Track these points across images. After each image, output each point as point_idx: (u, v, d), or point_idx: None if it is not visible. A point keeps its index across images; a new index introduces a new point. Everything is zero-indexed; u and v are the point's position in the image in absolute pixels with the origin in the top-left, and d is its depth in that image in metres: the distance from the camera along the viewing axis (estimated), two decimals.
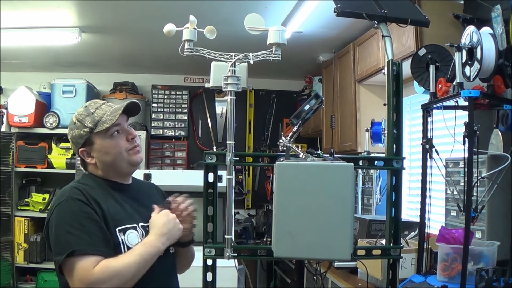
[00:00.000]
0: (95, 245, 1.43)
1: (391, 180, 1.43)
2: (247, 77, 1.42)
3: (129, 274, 1.43)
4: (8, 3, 3.14)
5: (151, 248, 1.50)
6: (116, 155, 1.60)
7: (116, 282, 1.40)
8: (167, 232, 1.54)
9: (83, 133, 1.59)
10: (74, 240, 1.42)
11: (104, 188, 1.60)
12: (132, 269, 1.44)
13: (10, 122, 4.44)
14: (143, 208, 1.65)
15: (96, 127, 1.58)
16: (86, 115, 1.60)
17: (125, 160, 1.62)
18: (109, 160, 1.61)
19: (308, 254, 1.26)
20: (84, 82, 4.66)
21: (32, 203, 4.49)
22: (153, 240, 1.52)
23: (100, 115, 1.60)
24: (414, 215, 3.06)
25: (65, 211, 1.48)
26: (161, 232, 1.53)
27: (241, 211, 5.32)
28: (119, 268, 1.42)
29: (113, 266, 1.41)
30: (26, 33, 3.71)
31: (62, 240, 1.44)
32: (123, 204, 1.60)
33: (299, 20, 3.29)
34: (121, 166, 1.62)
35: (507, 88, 2.02)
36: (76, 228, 1.43)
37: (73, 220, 1.45)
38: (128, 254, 1.48)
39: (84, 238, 1.43)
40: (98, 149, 1.60)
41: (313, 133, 4.79)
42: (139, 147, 1.67)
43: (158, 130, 5.09)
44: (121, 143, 1.61)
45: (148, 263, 1.48)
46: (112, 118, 1.58)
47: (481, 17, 2.37)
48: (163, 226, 1.54)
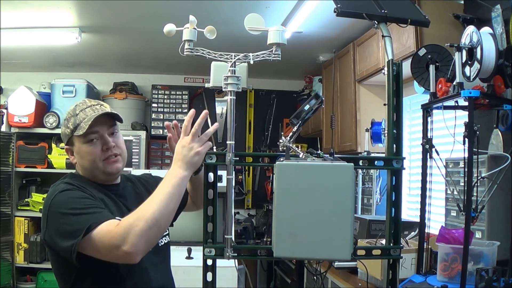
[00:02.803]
0: (106, 215, 1.40)
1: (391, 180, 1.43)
2: (247, 77, 1.42)
3: (155, 211, 1.34)
4: (8, 3, 3.14)
5: (172, 178, 1.41)
6: (91, 162, 1.57)
7: (143, 224, 1.31)
8: (185, 158, 1.42)
9: (66, 132, 1.59)
10: (85, 219, 1.37)
11: (93, 186, 1.59)
12: (157, 205, 1.36)
13: (10, 122, 4.44)
14: (133, 205, 1.60)
15: (75, 130, 1.56)
16: (72, 115, 1.59)
17: (100, 169, 1.58)
18: (86, 165, 1.59)
19: (308, 254, 1.26)
20: (84, 82, 4.67)
21: (32, 203, 4.49)
22: (173, 170, 1.42)
23: (80, 119, 1.56)
24: (414, 215, 3.06)
25: (63, 200, 1.44)
26: (180, 162, 1.42)
27: (241, 211, 5.32)
28: (141, 212, 1.35)
29: (133, 213, 1.36)
30: (26, 33, 3.71)
31: (72, 224, 1.38)
32: (115, 200, 1.61)
33: (299, 20, 3.29)
34: (96, 174, 1.60)
35: (507, 88, 2.02)
36: (82, 209, 1.40)
37: (75, 203, 1.42)
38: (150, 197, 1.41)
39: (94, 212, 1.40)
40: (77, 152, 1.59)
41: (313, 133, 4.79)
42: (117, 158, 1.60)
43: (158, 130, 5.09)
44: (96, 151, 1.56)
45: (173, 195, 1.39)
46: (85, 126, 1.54)
47: (481, 17, 2.37)
48: (180, 155, 1.43)
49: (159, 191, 1.40)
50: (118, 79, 5.07)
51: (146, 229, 1.32)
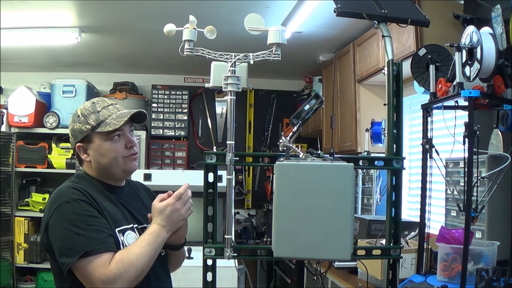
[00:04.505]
0: (105, 242, 1.43)
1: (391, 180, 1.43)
2: (247, 77, 1.42)
3: (143, 264, 1.44)
4: (8, 3, 3.14)
5: (158, 237, 1.51)
6: (112, 159, 1.58)
7: (133, 273, 1.42)
8: (170, 222, 1.54)
9: (84, 129, 1.58)
10: (84, 241, 1.41)
11: (99, 189, 1.59)
12: (145, 258, 1.45)
13: (10, 122, 4.44)
14: (136, 210, 1.66)
15: (99, 127, 1.56)
16: (91, 111, 1.59)
17: (120, 166, 1.60)
18: (104, 163, 1.59)
19: (308, 254, 1.26)
20: (84, 82, 4.66)
21: (32, 203, 4.49)
22: (158, 229, 1.52)
23: (105, 115, 1.58)
24: (414, 215, 3.06)
25: (68, 212, 1.46)
26: (164, 222, 1.53)
27: (241, 211, 5.32)
28: (134, 259, 1.43)
29: (128, 258, 1.43)
30: (26, 33, 3.71)
31: (70, 242, 1.42)
32: (119, 205, 1.60)
33: (299, 20, 3.29)
34: (114, 171, 1.61)
35: (507, 88, 2.02)
36: (84, 229, 1.43)
37: (79, 221, 1.44)
38: (138, 245, 1.48)
39: (94, 237, 1.42)
40: (95, 149, 1.59)
41: (313, 133, 4.79)
42: (136, 156, 1.65)
43: (158, 130, 5.09)
44: (119, 148, 1.59)
45: (156, 253, 1.50)
46: (116, 123, 1.56)
47: (481, 17, 2.37)
48: (165, 217, 1.54)
49: (148, 246, 1.48)
50: (118, 79, 5.07)
51: (135, 278, 1.43)
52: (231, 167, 1.34)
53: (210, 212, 1.38)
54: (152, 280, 1.55)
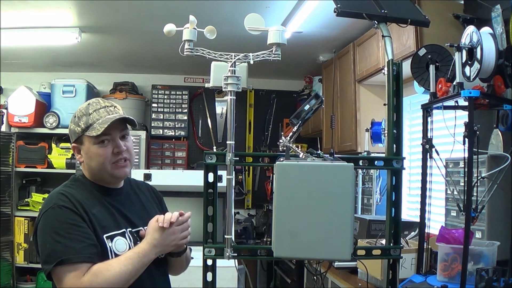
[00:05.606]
0: (83, 252, 1.41)
1: (391, 180, 1.43)
2: (247, 77, 1.42)
3: (119, 283, 1.42)
4: (8, 3, 3.14)
5: (144, 258, 1.49)
6: (99, 164, 1.56)
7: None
8: (162, 244, 1.53)
9: (76, 131, 1.57)
10: (61, 249, 1.40)
11: (92, 192, 1.57)
12: (123, 278, 1.43)
13: (10, 122, 4.44)
14: (132, 212, 1.63)
15: (87, 130, 1.55)
16: (84, 113, 1.57)
17: (107, 171, 1.57)
18: (93, 166, 1.58)
19: (308, 254, 1.26)
20: (84, 82, 4.66)
21: (32, 203, 4.49)
22: (147, 249, 1.50)
23: (94, 119, 1.55)
24: (414, 215, 3.06)
25: (51, 219, 1.45)
26: (156, 243, 1.51)
27: (241, 211, 5.32)
28: (110, 277, 1.41)
29: (103, 274, 1.40)
30: (26, 33, 3.71)
31: (49, 248, 1.42)
32: (111, 209, 1.58)
33: (299, 20, 3.29)
34: (103, 176, 1.59)
35: (507, 88, 2.02)
36: (63, 237, 1.42)
37: (59, 228, 1.43)
38: (120, 261, 1.45)
39: (71, 246, 1.41)
40: (85, 151, 1.58)
41: (313, 133, 4.79)
42: (126, 163, 1.61)
43: (158, 130, 5.09)
44: (107, 153, 1.55)
45: (138, 272, 1.47)
46: (99, 128, 1.53)
47: (481, 17, 2.37)
48: (159, 238, 1.52)
49: (130, 265, 1.45)
50: (118, 79, 5.07)
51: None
52: (231, 167, 1.34)
53: (210, 212, 1.38)
54: (145, 281, 1.53)
